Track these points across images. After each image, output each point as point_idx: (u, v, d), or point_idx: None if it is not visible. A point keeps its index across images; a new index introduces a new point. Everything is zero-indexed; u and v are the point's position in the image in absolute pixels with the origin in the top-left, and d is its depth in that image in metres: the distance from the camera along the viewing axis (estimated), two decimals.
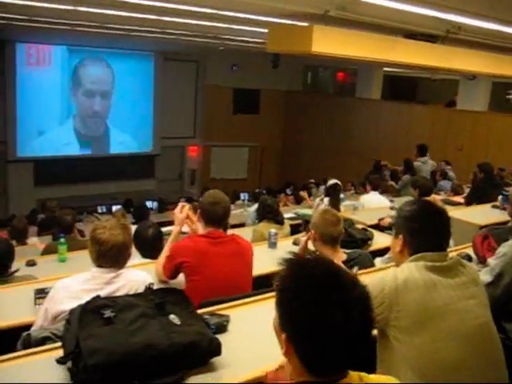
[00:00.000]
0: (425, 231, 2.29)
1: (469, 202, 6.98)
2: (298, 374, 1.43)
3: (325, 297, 1.36)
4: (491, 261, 2.82)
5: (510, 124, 12.35)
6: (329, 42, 6.09)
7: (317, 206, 7.40)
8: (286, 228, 5.69)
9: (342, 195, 7.77)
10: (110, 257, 2.72)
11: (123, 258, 2.80)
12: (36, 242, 6.35)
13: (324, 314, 1.35)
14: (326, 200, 7.35)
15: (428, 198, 6.59)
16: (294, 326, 1.40)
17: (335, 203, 7.19)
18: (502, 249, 2.83)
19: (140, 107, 16.32)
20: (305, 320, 1.37)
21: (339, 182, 7.42)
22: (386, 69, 15.47)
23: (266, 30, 6.82)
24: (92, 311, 2.05)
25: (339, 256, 3.42)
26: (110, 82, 15.66)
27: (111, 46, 14.40)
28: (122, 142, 16.21)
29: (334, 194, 7.28)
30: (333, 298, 1.36)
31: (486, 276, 2.78)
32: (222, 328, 2.45)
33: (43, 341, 2.35)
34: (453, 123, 13.40)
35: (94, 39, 12.67)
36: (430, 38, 7.45)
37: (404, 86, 17.23)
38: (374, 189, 7.63)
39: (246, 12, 7.00)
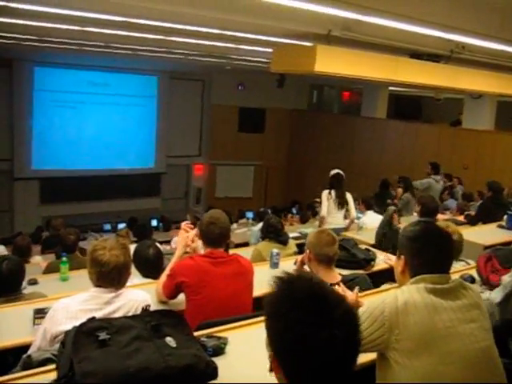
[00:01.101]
0: (426, 252, 2.27)
1: (475, 221, 6.92)
2: None
3: (308, 318, 1.37)
4: (506, 277, 2.76)
5: None
6: (332, 62, 6.10)
7: (325, 200, 7.42)
8: (291, 248, 5.65)
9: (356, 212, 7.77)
10: (111, 278, 2.71)
11: (123, 279, 2.78)
12: (39, 261, 6.34)
13: (308, 335, 1.36)
14: (334, 193, 7.39)
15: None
16: (280, 348, 1.42)
17: (341, 193, 7.28)
18: None
19: (145, 125, 16.41)
20: (289, 342, 1.39)
21: (341, 172, 7.48)
22: (391, 88, 15.50)
23: (271, 50, 6.85)
24: (87, 333, 2.02)
25: (334, 276, 3.40)
26: (116, 100, 15.75)
27: (116, 64, 14.48)
28: (128, 160, 16.25)
29: (338, 184, 7.37)
30: (316, 319, 1.37)
31: (498, 294, 2.72)
32: (219, 350, 2.42)
33: (45, 362, 2.33)
34: (458, 142, 13.39)
35: (98, 58, 12.73)
36: (435, 58, 7.46)
37: (409, 105, 17.25)
38: (368, 208, 7.67)
39: (251, 32, 7.04)
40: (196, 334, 2.61)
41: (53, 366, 2.22)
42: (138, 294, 2.85)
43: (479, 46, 6.39)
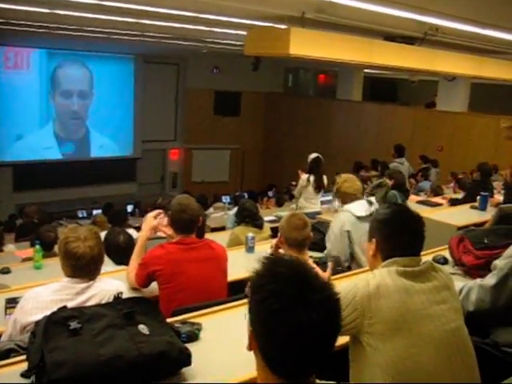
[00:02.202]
0: (397, 236, 2.28)
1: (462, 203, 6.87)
2: (261, 369, 1.45)
3: (285, 294, 1.36)
4: (498, 262, 2.75)
5: (489, 124, 12.47)
6: (306, 45, 6.08)
7: (303, 186, 7.48)
8: (266, 232, 5.66)
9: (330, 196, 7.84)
10: (87, 270, 2.66)
11: (98, 269, 2.74)
12: (13, 249, 6.25)
13: (283, 311, 1.35)
14: (312, 178, 7.45)
15: (408, 200, 6.65)
16: (256, 321, 1.42)
17: (319, 178, 7.35)
18: (511, 250, 2.76)
19: (120, 110, 16.24)
20: (264, 315, 1.38)
21: (320, 155, 7.53)
22: (366, 70, 15.53)
23: (246, 33, 6.80)
24: (58, 323, 1.99)
25: (305, 260, 3.40)
26: (88, 83, 15.54)
27: (90, 48, 14.30)
28: (103, 145, 16.11)
29: (316, 168, 7.43)
30: (294, 297, 1.36)
31: (492, 279, 2.70)
32: (193, 336, 2.41)
33: (7, 353, 2.29)
34: (433, 124, 13.50)
35: (72, 42, 12.54)
36: (409, 40, 7.48)
37: (384, 88, 17.32)
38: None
39: (225, 15, 6.99)
40: (170, 320, 2.60)
41: (19, 358, 2.18)
42: (112, 283, 2.81)
43: (453, 28, 6.42)
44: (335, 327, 1.41)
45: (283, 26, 6.42)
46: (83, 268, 2.64)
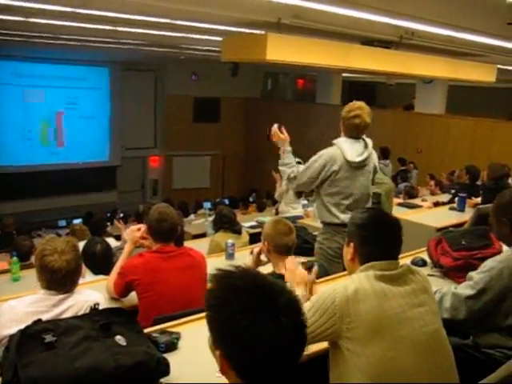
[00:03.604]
0: (375, 240, 2.29)
1: None
2: None
3: (252, 307, 1.34)
4: (475, 274, 2.72)
5: (467, 126, 12.59)
6: (284, 50, 6.10)
7: (283, 190, 7.47)
8: (245, 237, 5.67)
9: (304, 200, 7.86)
10: (62, 283, 2.63)
11: (75, 282, 2.71)
12: None
13: (253, 324, 1.32)
14: None
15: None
16: (226, 341, 1.38)
17: None
18: (489, 263, 2.71)
19: (98, 118, 16.14)
20: (235, 333, 1.34)
21: (300, 160, 7.52)
22: (344, 74, 15.62)
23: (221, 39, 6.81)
24: (32, 336, 1.96)
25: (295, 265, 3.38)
26: (65, 92, 15.43)
27: (65, 56, 14.15)
28: (82, 153, 15.96)
29: None
30: (260, 307, 1.34)
31: (467, 290, 2.69)
32: (171, 346, 2.40)
33: None
34: (412, 126, 13.60)
35: (46, 49, 12.40)
36: (385, 44, 7.54)
37: (363, 91, 17.39)
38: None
39: (201, 21, 6.97)
40: (149, 330, 2.59)
41: None
42: (89, 294, 2.78)
43: (428, 31, 6.48)
44: (302, 324, 1.40)
45: (260, 32, 6.44)
46: (59, 281, 2.61)
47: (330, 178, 3.97)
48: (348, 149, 4.01)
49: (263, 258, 3.41)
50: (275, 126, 4.17)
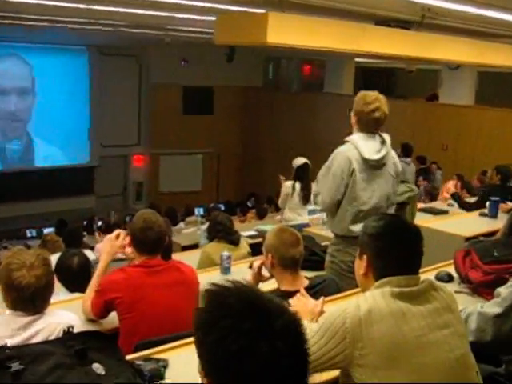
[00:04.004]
0: (392, 251, 2.29)
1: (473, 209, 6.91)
2: None
3: (244, 329, 1.35)
4: (503, 290, 2.74)
5: (500, 119, 12.58)
6: (287, 31, 6.09)
7: (287, 194, 7.48)
8: (243, 249, 5.68)
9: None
10: (30, 303, 2.63)
11: (45, 302, 2.72)
12: None
13: (245, 348, 1.33)
14: (298, 186, 7.44)
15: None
16: (214, 368, 1.38)
17: (306, 186, 7.33)
18: None
19: (73, 111, 16.18)
20: (224, 358, 1.35)
21: (307, 161, 7.54)
22: (357, 60, 15.63)
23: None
24: None
25: (302, 282, 3.38)
26: (28, 80, 15.44)
27: (33, 39, 14.15)
28: (52, 152, 16.01)
29: (303, 176, 7.41)
30: (254, 330, 1.35)
31: (494, 308, 2.71)
32: (157, 375, 2.40)
33: None
34: (436, 119, 13.60)
35: (9, 32, 12.39)
36: (404, 25, 7.55)
37: (379, 79, 17.44)
38: None
39: None
40: (131, 356, 2.60)
41: None
42: (62, 315, 2.78)
43: (454, 9, 6.49)
44: (303, 352, 1.40)
45: (259, 11, 6.45)
46: (26, 301, 2.61)
47: (352, 179, 3.98)
48: (364, 145, 4.02)
49: (265, 272, 3.41)
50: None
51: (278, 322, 1.37)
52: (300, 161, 7.67)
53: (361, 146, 4.02)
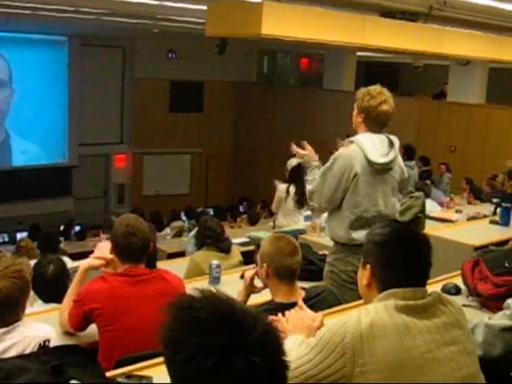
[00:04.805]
0: (397, 261, 2.29)
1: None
2: None
3: (215, 342, 1.35)
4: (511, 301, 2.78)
5: None
6: (283, 23, 6.10)
7: (281, 198, 7.48)
8: (235, 257, 5.67)
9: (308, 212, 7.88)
10: None
11: (13, 314, 2.72)
12: None
13: (217, 367, 1.33)
14: (293, 189, 7.42)
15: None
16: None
17: (302, 189, 7.31)
18: None
19: (50, 106, 16.15)
20: (196, 378, 1.35)
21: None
22: (359, 53, 15.67)
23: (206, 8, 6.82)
24: None
25: (298, 293, 3.37)
26: (4, 73, 15.40)
27: (7, 28, 14.08)
28: (27, 151, 15.96)
29: (298, 178, 7.37)
30: (226, 345, 1.35)
31: (502, 320, 2.72)
32: None
33: None
34: (443, 119, 13.63)
35: None
36: (411, 17, 7.58)
37: (383, 74, 17.43)
38: None
39: None
40: (112, 373, 2.59)
41: None
42: (38, 328, 2.78)
43: (464, 1, 6.53)
44: (282, 366, 1.41)
45: (254, 0, 6.46)
46: None
47: (353, 183, 3.98)
48: (370, 147, 4.02)
49: (258, 283, 3.41)
50: (293, 146, 4.24)
51: (254, 335, 1.38)
52: (294, 162, 7.65)
53: (367, 147, 4.01)
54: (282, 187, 7.63)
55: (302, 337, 2.41)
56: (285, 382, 1.42)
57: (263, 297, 3.37)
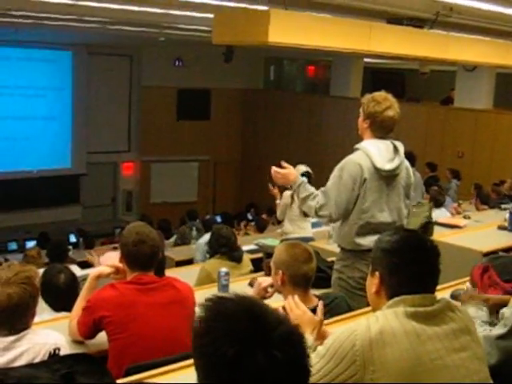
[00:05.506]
0: (406, 268, 2.29)
1: None
2: None
3: (241, 335, 1.39)
4: (506, 310, 2.75)
5: None
6: (290, 30, 6.11)
7: (287, 205, 7.46)
8: (246, 267, 5.64)
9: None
10: (7, 321, 2.66)
11: (22, 321, 2.73)
12: None
13: (243, 357, 1.36)
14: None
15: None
16: (208, 374, 1.42)
17: None
18: None
19: (57, 114, 16.16)
20: (218, 365, 1.38)
21: (309, 169, 7.53)
22: (366, 60, 15.67)
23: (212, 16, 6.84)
24: None
25: (312, 301, 3.36)
26: (11, 80, 15.44)
27: (15, 37, 14.14)
28: (35, 159, 15.95)
29: None
30: (249, 335, 1.39)
31: (498, 329, 2.72)
32: None
33: None
34: (450, 125, 13.60)
35: None
36: (417, 23, 7.58)
37: (389, 81, 17.44)
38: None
39: None
40: (122, 381, 2.60)
41: None
42: (48, 336, 2.79)
43: (471, 7, 6.52)
44: (304, 369, 1.43)
45: (260, 7, 6.47)
46: (1, 319, 2.63)
47: (363, 189, 3.98)
48: (376, 154, 4.03)
49: (271, 292, 3.41)
50: (272, 168, 4.28)
51: (277, 332, 1.41)
52: (301, 169, 7.64)
53: (373, 154, 4.03)
54: (287, 193, 7.61)
55: (309, 342, 2.41)
56: (306, 380, 1.44)
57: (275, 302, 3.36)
